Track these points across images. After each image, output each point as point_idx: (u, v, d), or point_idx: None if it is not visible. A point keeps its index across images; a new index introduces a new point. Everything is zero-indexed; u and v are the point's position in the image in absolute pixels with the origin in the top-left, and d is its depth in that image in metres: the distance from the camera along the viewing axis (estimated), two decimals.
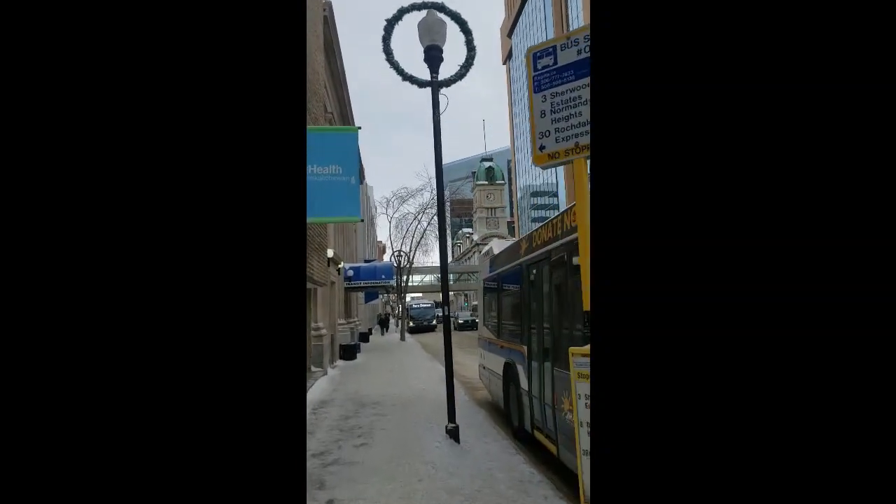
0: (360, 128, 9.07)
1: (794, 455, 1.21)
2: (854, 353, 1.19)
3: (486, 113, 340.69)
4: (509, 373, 6.45)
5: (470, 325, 31.63)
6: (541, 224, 5.34)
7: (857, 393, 1.19)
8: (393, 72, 6.11)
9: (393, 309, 51.61)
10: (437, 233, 5.60)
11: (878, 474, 1.16)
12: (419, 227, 27.38)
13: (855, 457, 1.18)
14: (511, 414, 6.52)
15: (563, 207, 7.09)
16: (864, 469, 1.17)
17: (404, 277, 27.52)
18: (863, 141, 1.22)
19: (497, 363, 7.08)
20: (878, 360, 1.18)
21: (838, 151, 1.23)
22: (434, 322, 37.27)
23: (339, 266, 16.08)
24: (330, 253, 13.35)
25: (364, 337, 24.13)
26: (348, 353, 15.75)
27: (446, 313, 5.91)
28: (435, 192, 28.17)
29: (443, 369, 13.19)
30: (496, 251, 7.68)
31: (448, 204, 36.71)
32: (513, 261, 6.40)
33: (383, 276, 20.52)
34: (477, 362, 9.22)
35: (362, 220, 15.34)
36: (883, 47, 1.20)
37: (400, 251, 28.10)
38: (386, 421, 7.07)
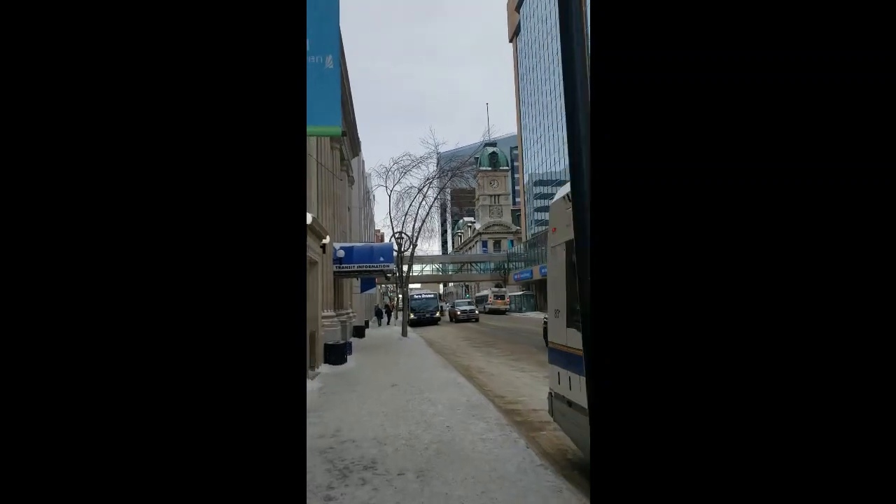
0: None
1: (793, 454, 1.24)
2: (854, 358, 1.22)
3: (490, 96, 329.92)
4: None
5: None
6: None
7: (858, 397, 1.21)
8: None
9: (391, 300, 47.97)
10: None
11: (878, 481, 1.19)
12: (424, 203, 23.11)
13: (854, 459, 1.20)
14: None
15: None
16: (865, 472, 1.20)
17: (405, 267, 23.49)
18: (864, 138, 1.23)
19: None
20: (880, 367, 1.20)
21: (840, 149, 1.24)
22: (437, 315, 34.09)
23: (324, 241, 12.17)
24: (308, 218, 9.43)
25: (359, 331, 20.51)
26: (336, 355, 12.04)
27: None
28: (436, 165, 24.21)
29: (467, 384, 9.17)
30: None
31: (448, 193, 32.92)
32: None
33: (381, 259, 16.65)
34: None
35: (345, 135, 11.52)
36: (885, 41, 1.22)
37: (402, 233, 23.95)
38: None
